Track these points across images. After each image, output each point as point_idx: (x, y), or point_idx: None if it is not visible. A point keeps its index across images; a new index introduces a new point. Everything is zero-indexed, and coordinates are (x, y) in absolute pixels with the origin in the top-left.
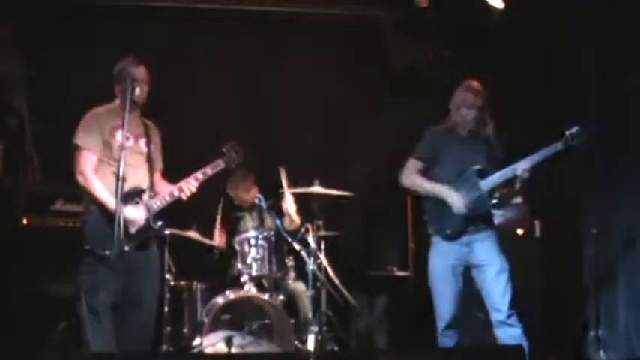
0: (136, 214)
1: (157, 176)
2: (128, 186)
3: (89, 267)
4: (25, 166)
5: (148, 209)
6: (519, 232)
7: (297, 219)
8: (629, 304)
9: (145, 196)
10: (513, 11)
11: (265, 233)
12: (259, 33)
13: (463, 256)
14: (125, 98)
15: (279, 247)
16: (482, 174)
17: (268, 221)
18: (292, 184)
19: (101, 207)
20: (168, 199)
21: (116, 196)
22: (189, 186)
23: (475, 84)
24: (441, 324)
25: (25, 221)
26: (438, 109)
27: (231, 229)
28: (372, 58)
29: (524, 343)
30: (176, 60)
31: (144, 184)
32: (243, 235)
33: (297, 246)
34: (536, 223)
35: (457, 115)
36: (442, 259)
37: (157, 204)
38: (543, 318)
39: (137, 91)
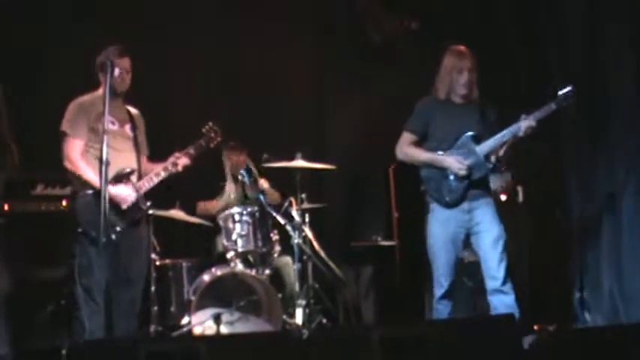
0: (125, 192)
1: (144, 160)
2: (115, 169)
3: (82, 249)
4: (3, 152)
5: (137, 190)
6: (502, 198)
7: (275, 193)
8: (612, 266)
9: (134, 178)
10: None
11: (249, 209)
12: (233, 3)
13: (464, 223)
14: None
15: (263, 222)
16: (477, 139)
17: (250, 196)
18: (274, 158)
19: (93, 190)
20: (155, 179)
21: (100, 180)
22: (181, 160)
23: (462, 48)
24: (439, 292)
25: (6, 207)
26: (418, 80)
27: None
28: (352, 29)
29: (517, 311)
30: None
31: (131, 166)
32: (227, 212)
33: (281, 220)
34: (519, 189)
35: (448, 81)
36: (442, 226)
37: (146, 185)
38: (530, 283)
39: (120, 80)
